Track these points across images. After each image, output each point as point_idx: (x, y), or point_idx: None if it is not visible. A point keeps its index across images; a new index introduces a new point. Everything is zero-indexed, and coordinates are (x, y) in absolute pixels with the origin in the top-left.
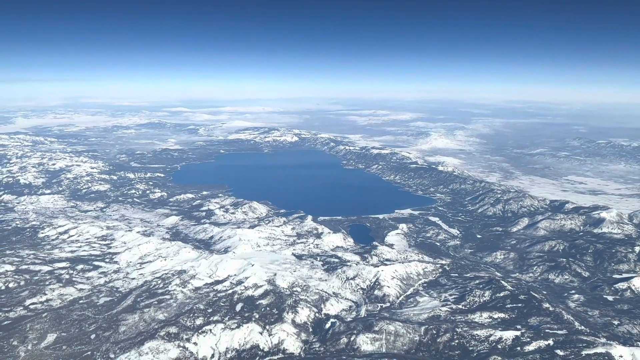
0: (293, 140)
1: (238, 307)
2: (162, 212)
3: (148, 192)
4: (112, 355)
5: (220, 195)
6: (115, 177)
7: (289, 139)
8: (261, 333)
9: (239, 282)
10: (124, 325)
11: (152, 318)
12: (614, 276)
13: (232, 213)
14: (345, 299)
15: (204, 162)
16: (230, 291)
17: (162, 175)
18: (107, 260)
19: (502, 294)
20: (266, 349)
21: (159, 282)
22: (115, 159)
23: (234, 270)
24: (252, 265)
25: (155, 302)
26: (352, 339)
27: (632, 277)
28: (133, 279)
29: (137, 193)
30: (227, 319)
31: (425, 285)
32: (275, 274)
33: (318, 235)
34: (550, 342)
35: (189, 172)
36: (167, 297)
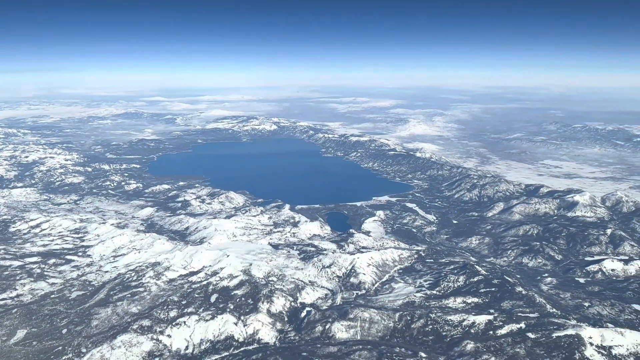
0: (272, 129)
1: (213, 298)
2: (137, 203)
3: (123, 183)
4: (83, 350)
5: (196, 185)
6: (89, 169)
7: (267, 127)
8: (236, 324)
9: (214, 273)
10: (97, 320)
11: (125, 311)
12: (586, 259)
13: (209, 203)
14: (321, 287)
15: (181, 152)
16: (205, 282)
17: (138, 166)
18: (80, 253)
19: (476, 279)
20: (241, 340)
21: (133, 274)
22: (90, 151)
23: (209, 261)
24: (228, 255)
25: (129, 295)
26: (327, 327)
27: (603, 260)
28: (106, 272)
29: (112, 185)
30: (201, 310)
31: (400, 271)
32: (251, 264)
33: (295, 224)
34: (522, 325)
35: (165, 163)
36: (141, 289)
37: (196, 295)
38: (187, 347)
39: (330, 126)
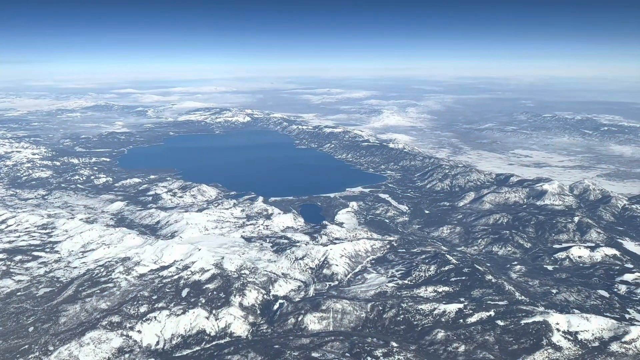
0: (245, 121)
1: (184, 293)
2: (107, 197)
3: (93, 177)
4: (51, 348)
5: (168, 178)
6: (58, 163)
7: (241, 119)
8: (207, 318)
9: (186, 267)
10: (65, 317)
11: (95, 307)
12: (554, 246)
13: (180, 197)
14: (294, 279)
15: (152, 145)
16: (176, 277)
17: (108, 159)
18: (48, 249)
19: (447, 268)
20: (213, 334)
21: (102, 270)
22: (59, 144)
23: (181, 255)
24: (199, 249)
25: (98, 291)
26: (299, 319)
27: (570, 247)
28: (75, 268)
29: (81, 179)
30: (172, 305)
31: (373, 262)
32: (222, 258)
33: (268, 217)
34: (492, 313)
35: (136, 156)
36: (110, 285)
37: (167, 290)
38: (157, 343)
39: (304, 118)
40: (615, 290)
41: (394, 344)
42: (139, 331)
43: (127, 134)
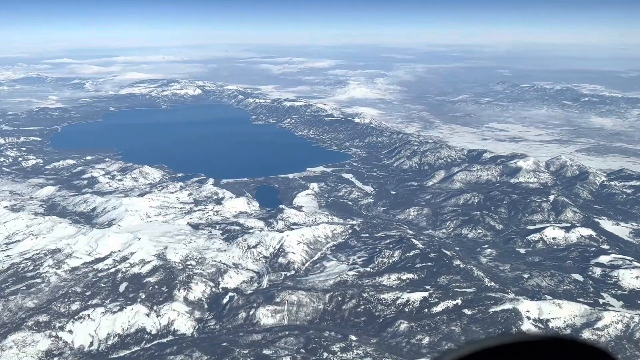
0: (196, 94)
1: (122, 288)
2: (37, 182)
3: (20, 159)
4: None
5: (106, 159)
6: None
7: (191, 92)
8: (148, 314)
9: (124, 259)
10: None
11: (19, 306)
12: (527, 227)
13: (120, 180)
14: (247, 269)
15: (89, 121)
16: (113, 270)
17: (39, 139)
18: None
19: (412, 253)
20: (154, 332)
21: (29, 264)
22: None
23: (118, 246)
24: (140, 238)
25: (24, 288)
26: (251, 313)
27: (544, 228)
28: None
29: (7, 161)
30: (108, 301)
31: (333, 248)
32: (166, 247)
33: (219, 201)
34: (459, 301)
35: (71, 135)
36: (38, 280)
37: (102, 285)
38: (91, 344)
39: (263, 90)
40: (590, 273)
41: (353, 338)
42: (70, 331)
43: (62, 110)
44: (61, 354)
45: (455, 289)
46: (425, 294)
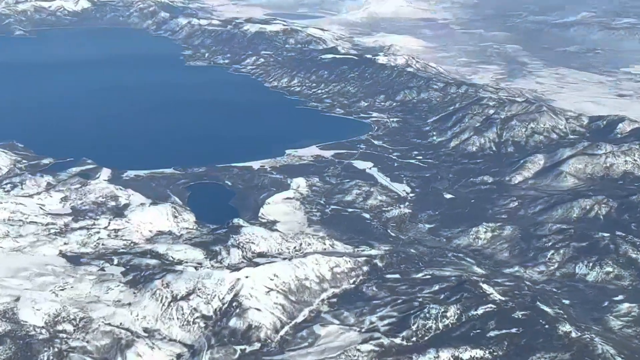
0: (79, 9)
1: None
2: None
3: None
4: None
5: None
6: None
7: (70, 5)
8: None
9: None
10: None
11: None
12: None
13: None
14: (170, 340)
15: None
16: None
17: None
18: None
19: (481, 311)
20: None
21: None
22: None
23: None
24: None
25: None
26: None
27: None
28: None
29: None
30: None
31: (334, 300)
32: (17, 299)
33: (120, 211)
34: None
35: None
36: None
37: None
38: None
39: (206, 3)
40: None
41: None
42: None
43: None
44: None
45: None
46: None
